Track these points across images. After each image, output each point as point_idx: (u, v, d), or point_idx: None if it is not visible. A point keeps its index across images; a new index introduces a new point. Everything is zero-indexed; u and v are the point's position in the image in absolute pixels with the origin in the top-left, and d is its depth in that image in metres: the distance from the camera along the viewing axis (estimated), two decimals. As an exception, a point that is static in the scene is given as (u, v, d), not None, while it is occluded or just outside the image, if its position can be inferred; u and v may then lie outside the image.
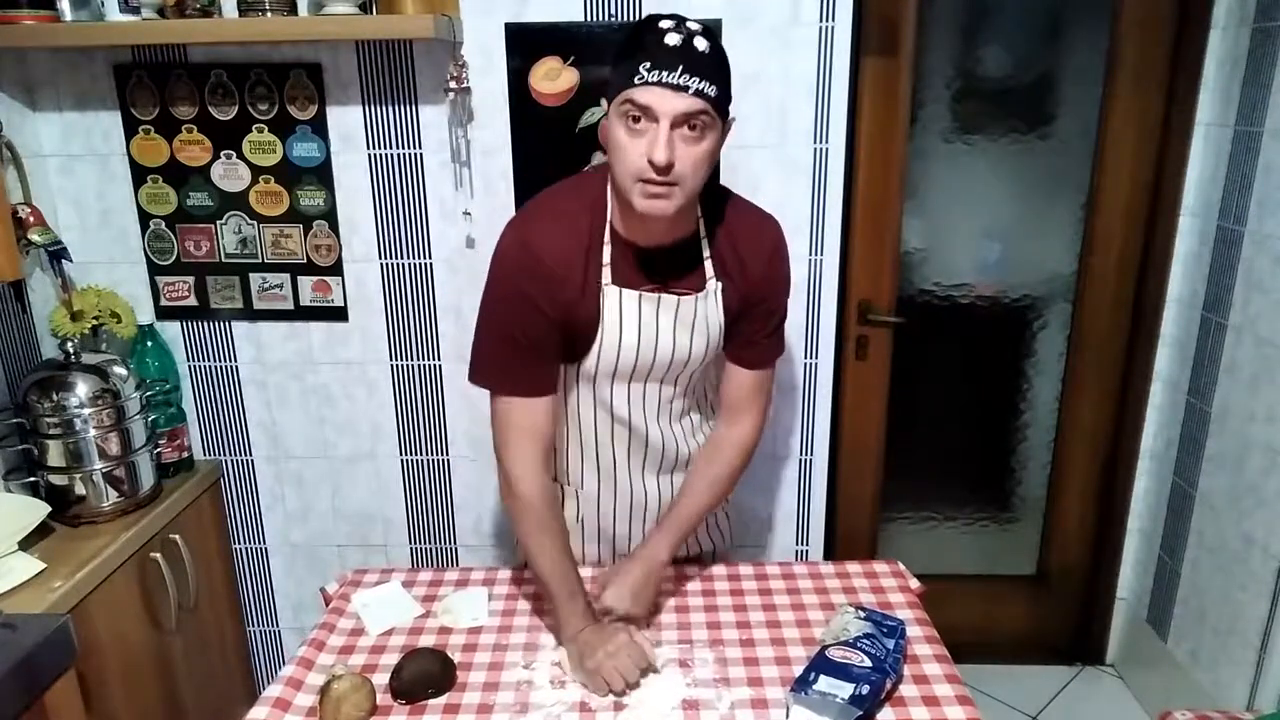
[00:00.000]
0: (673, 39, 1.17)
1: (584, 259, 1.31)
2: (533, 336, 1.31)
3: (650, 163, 1.18)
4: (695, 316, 1.36)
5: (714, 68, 1.19)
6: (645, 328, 1.35)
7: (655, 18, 1.21)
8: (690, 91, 1.16)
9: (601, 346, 1.35)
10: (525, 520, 1.37)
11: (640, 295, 1.34)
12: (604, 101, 1.26)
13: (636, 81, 1.17)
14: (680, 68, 1.15)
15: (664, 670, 1.32)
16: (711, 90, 1.18)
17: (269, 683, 2.01)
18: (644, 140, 1.18)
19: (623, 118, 1.20)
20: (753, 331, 1.42)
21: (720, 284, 1.37)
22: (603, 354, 1.36)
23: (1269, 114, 1.91)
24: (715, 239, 1.37)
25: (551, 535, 1.37)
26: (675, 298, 1.35)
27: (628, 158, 1.20)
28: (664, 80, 1.15)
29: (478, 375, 1.37)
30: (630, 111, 1.18)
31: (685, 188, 1.22)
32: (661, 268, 1.35)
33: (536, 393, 1.34)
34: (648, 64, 1.16)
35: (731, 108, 1.26)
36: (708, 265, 1.36)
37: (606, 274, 1.32)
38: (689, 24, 1.20)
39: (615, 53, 1.23)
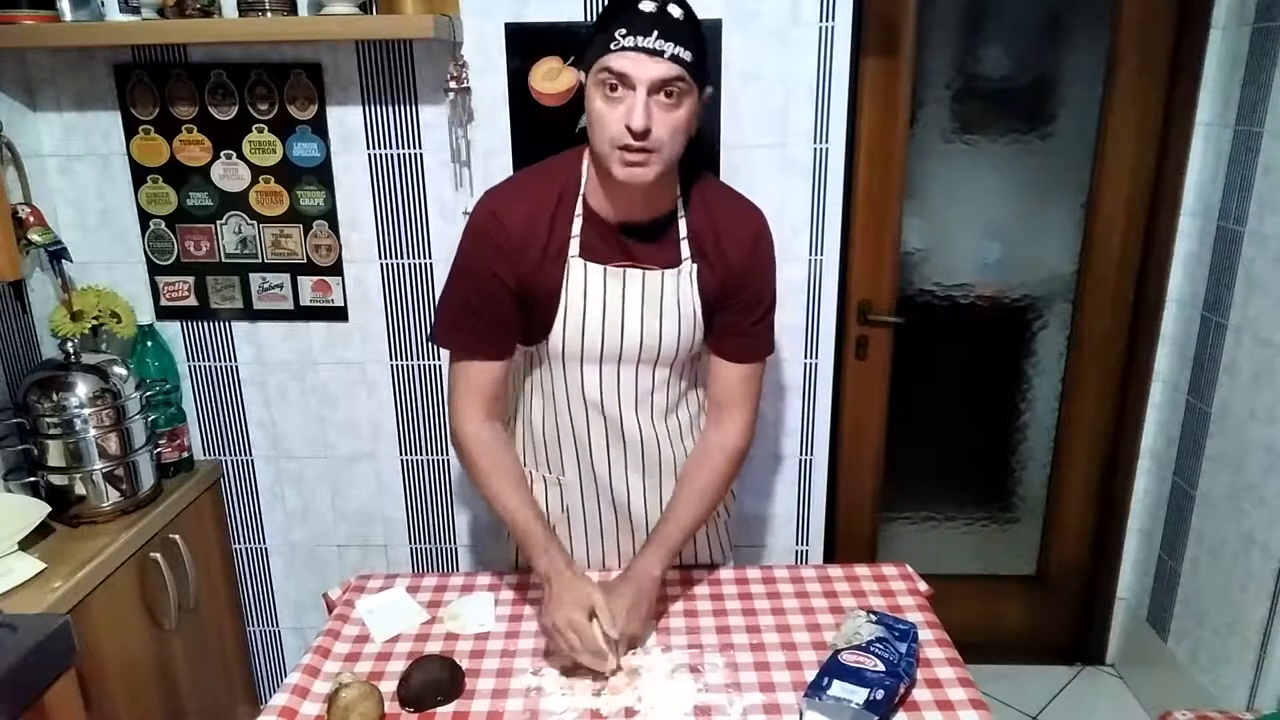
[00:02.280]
0: (647, 6, 1.19)
1: (548, 227, 1.32)
2: (490, 304, 1.34)
3: (628, 129, 1.19)
4: (664, 295, 1.36)
5: (688, 33, 1.21)
6: (610, 304, 1.35)
7: None
8: (666, 56, 1.18)
9: (565, 321, 1.35)
10: (473, 461, 1.40)
11: (606, 270, 1.34)
12: (581, 74, 1.27)
13: (612, 48, 1.18)
14: (655, 33, 1.17)
15: (675, 675, 1.31)
16: (686, 55, 1.19)
17: (269, 683, 1.99)
18: (622, 107, 1.20)
19: (600, 86, 1.21)
20: (736, 322, 1.41)
21: (695, 265, 1.36)
22: (567, 329, 1.36)
23: (1269, 114, 1.91)
24: (693, 218, 1.37)
25: (500, 471, 1.40)
26: (642, 272, 1.35)
27: (606, 125, 1.22)
28: (639, 45, 1.17)
29: (438, 335, 1.42)
30: (607, 79, 1.20)
31: (663, 154, 1.23)
32: (634, 244, 1.35)
33: (491, 357, 1.38)
34: (623, 30, 1.18)
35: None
36: (683, 244, 1.36)
37: (574, 246, 1.33)
38: None
39: (592, 25, 1.25)
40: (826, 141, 1.90)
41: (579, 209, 1.33)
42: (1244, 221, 2.00)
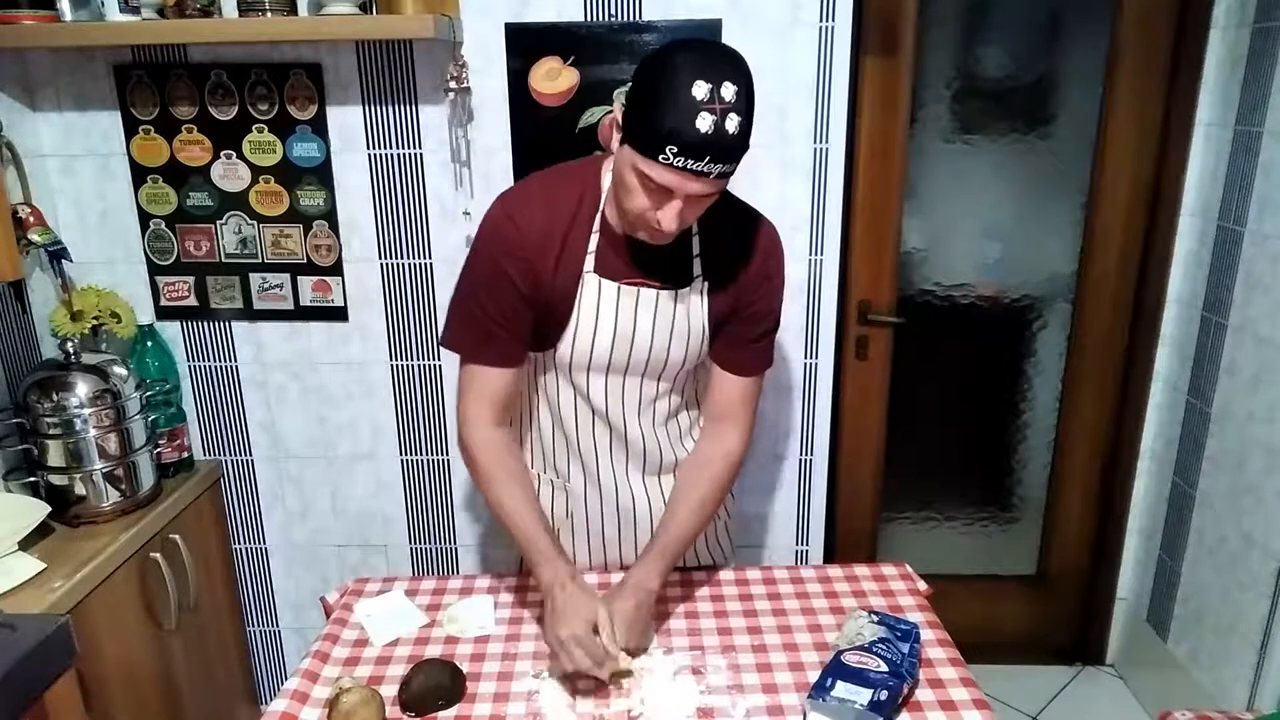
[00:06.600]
0: (704, 123, 1.08)
1: (564, 238, 1.31)
2: (503, 311, 1.32)
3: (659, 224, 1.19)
4: (676, 313, 1.35)
5: (742, 142, 1.14)
6: (622, 321, 1.34)
7: (689, 77, 1.08)
8: (713, 176, 1.14)
9: (576, 335, 1.35)
10: (478, 467, 1.39)
11: (620, 287, 1.33)
12: (614, 104, 1.24)
13: (660, 160, 1.12)
14: (708, 158, 1.11)
15: (677, 677, 1.30)
16: (733, 166, 1.16)
17: (269, 684, 1.99)
18: (654, 198, 1.18)
19: (638, 175, 1.16)
20: (742, 334, 1.40)
21: (707, 282, 1.36)
22: (576, 343, 1.35)
23: (1269, 114, 1.91)
24: (706, 235, 1.36)
25: (507, 476, 1.38)
26: (655, 291, 1.34)
27: (635, 206, 1.20)
28: (689, 167, 1.12)
29: (446, 337, 1.40)
30: (646, 183, 1.16)
31: (689, 226, 1.25)
32: (648, 260, 1.34)
33: (500, 364, 1.36)
34: (674, 149, 1.10)
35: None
36: (696, 262, 1.36)
37: (590, 261, 1.32)
38: (724, 90, 1.09)
39: (637, 91, 1.14)
40: (826, 141, 1.90)
41: (596, 223, 1.32)
42: (1244, 221, 2.00)
